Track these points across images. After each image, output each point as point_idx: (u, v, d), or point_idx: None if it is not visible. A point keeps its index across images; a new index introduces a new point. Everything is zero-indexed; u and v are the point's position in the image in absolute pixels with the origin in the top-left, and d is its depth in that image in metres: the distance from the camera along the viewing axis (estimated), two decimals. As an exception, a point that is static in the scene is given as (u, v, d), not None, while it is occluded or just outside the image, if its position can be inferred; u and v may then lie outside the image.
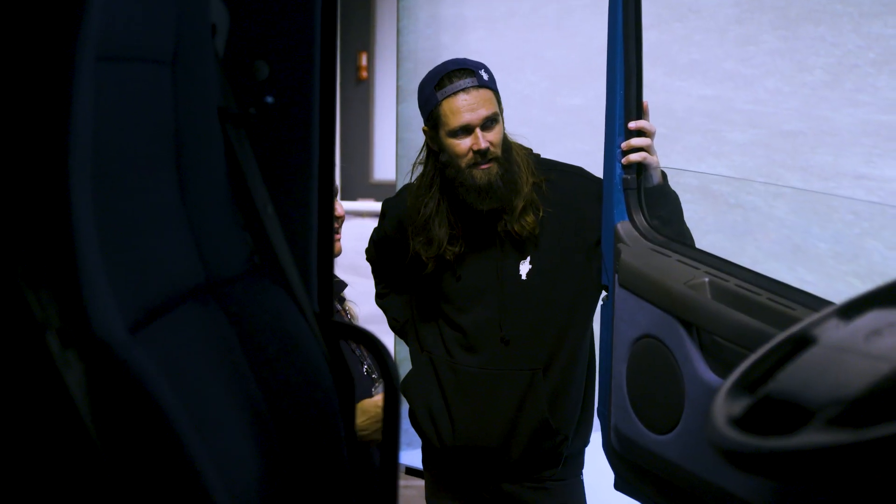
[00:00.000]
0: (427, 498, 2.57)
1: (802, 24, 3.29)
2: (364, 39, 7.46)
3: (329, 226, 1.40)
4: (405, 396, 2.52)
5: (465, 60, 2.32)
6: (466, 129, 2.25)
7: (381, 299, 2.62)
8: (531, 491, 2.43)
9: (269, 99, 1.37)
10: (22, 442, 0.89)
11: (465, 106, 2.24)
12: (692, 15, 3.52)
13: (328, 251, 1.42)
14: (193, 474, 0.93)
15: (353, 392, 1.39)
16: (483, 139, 2.24)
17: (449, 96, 2.25)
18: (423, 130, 2.36)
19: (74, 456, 0.89)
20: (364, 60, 7.45)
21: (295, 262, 1.36)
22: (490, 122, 2.26)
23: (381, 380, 2.40)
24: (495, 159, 2.26)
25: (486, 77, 2.28)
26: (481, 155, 2.25)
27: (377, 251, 2.58)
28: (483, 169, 2.25)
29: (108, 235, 0.95)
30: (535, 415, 2.34)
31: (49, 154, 0.91)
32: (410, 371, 2.52)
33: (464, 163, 2.26)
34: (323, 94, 1.37)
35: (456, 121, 2.25)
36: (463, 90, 2.25)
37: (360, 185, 7.86)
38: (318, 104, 1.37)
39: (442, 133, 2.28)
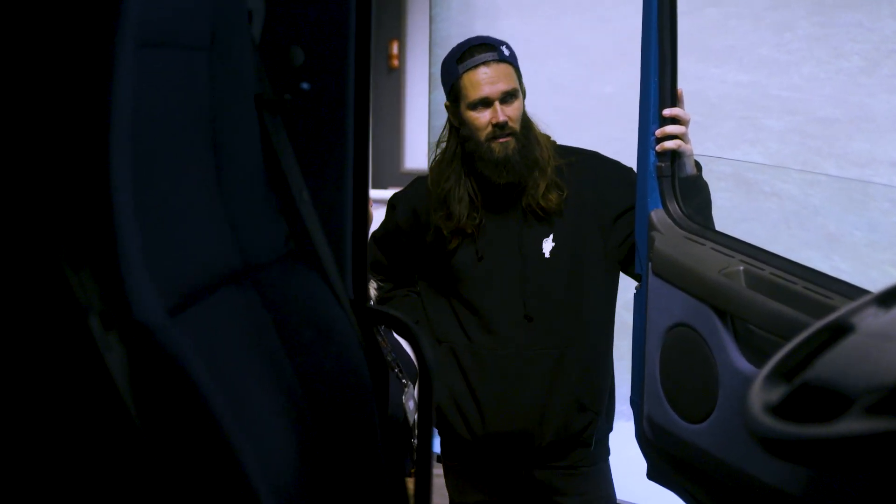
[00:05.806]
0: (450, 493, 2.49)
1: (839, 9, 3.25)
2: (395, 28, 7.45)
3: (364, 212, 1.41)
4: None
5: (487, 37, 2.36)
6: (485, 102, 2.29)
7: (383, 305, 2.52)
8: (563, 478, 2.41)
9: (305, 85, 1.38)
10: (66, 423, 0.91)
11: (484, 79, 2.29)
12: (727, 0, 3.49)
13: (362, 237, 1.43)
14: (230, 456, 0.94)
15: (387, 378, 1.40)
16: (501, 113, 2.28)
17: (469, 69, 2.30)
18: (445, 106, 2.40)
19: (116, 436, 0.90)
20: (395, 49, 7.43)
21: (330, 248, 1.37)
22: (509, 96, 2.30)
23: (409, 385, 2.38)
24: (513, 134, 2.30)
25: (507, 53, 2.33)
26: (500, 128, 2.29)
27: (383, 248, 2.51)
28: (501, 142, 2.30)
29: (147, 220, 0.96)
30: (567, 394, 2.34)
31: (90, 140, 0.92)
32: None
33: (483, 136, 2.31)
34: (358, 79, 1.37)
35: (475, 93, 2.29)
36: (483, 63, 2.29)
37: (392, 175, 7.86)
38: (352, 90, 1.37)
39: (462, 106, 2.33)
